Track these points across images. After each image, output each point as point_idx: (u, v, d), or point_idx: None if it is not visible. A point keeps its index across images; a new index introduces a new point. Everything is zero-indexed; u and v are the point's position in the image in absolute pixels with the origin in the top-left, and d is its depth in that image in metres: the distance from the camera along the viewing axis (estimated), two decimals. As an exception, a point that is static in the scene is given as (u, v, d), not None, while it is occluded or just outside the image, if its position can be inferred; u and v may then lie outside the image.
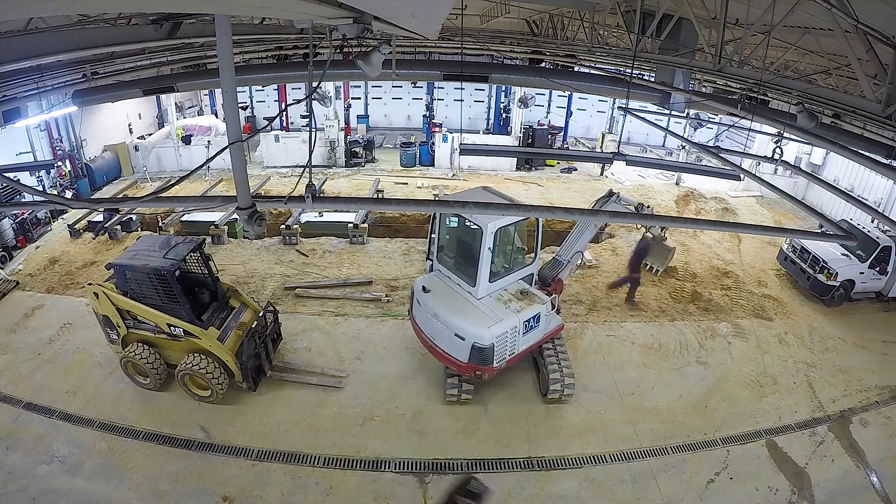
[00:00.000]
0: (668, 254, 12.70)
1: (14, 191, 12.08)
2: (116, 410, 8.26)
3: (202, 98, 24.52)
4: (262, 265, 12.72)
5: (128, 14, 6.58)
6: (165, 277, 7.71)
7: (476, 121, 24.99)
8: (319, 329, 10.37)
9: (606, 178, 20.15)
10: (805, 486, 7.54)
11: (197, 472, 7.31)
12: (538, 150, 18.68)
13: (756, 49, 6.45)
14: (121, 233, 13.91)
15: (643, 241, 11.95)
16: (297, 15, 2.79)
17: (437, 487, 7.26)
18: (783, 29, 6.29)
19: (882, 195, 15.12)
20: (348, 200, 6.68)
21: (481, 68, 12.33)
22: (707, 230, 14.70)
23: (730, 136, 19.17)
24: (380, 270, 12.57)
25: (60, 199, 3.75)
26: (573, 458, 7.77)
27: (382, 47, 3.47)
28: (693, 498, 7.29)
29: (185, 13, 6.30)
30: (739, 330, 10.97)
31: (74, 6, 3.37)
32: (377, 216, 15.53)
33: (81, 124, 16.86)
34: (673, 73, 8.24)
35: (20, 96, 8.02)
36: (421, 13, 3.30)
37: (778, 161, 7.41)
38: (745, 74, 6.85)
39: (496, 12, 13.65)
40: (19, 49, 4.99)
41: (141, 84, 10.17)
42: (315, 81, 3.49)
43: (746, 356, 10.20)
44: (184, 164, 19.08)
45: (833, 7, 4.16)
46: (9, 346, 9.70)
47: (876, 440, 8.40)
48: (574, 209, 4.64)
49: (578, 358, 9.67)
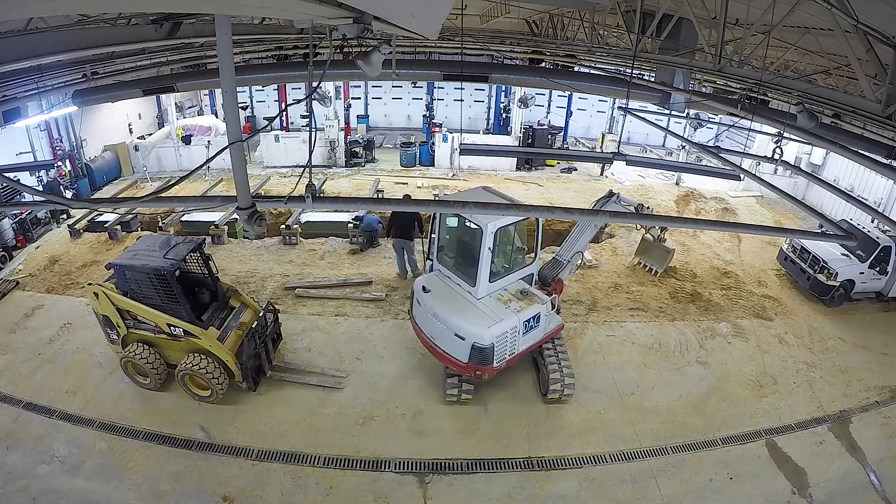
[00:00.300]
0: (667, 255, 12.70)
1: (13, 191, 12.07)
2: (116, 410, 8.26)
3: (202, 98, 24.52)
4: (263, 265, 12.72)
5: (128, 14, 6.58)
6: (165, 277, 7.71)
7: (476, 121, 24.99)
8: (319, 329, 10.37)
9: (606, 178, 20.15)
10: (805, 486, 7.54)
11: (197, 472, 7.31)
12: (538, 150, 18.68)
13: (756, 49, 6.45)
14: (121, 233, 13.92)
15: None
16: (297, 15, 2.79)
17: (436, 487, 7.26)
18: (783, 29, 6.30)
19: (882, 195, 15.12)
20: (348, 200, 6.68)
21: (481, 68, 12.34)
22: (707, 230, 14.70)
23: (730, 136, 19.18)
24: (380, 270, 12.57)
25: (60, 199, 3.75)
26: (573, 458, 7.76)
27: (382, 47, 3.48)
28: (693, 498, 7.29)
29: (185, 13, 6.30)
30: (739, 330, 10.97)
31: (74, 6, 3.37)
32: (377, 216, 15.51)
33: (81, 124, 16.86)
34: (673, 73, 8.25)
35: (20, 96, 8.03)
36: (421, 13, 3.30)
37: (778, 161, 7.41)
38: (745, 74, 6.85)
39: (496, 12, 13.66)
40: (19, 49, 4.99)
41: (141, 84, 10.18)
42: (315, 81, 3.50)
43: (746, 356, 10.20)
44: (184, 164, 19.07)
45: (833, 7, 4.16)
46: (9, 346, 9.70)
47: (876, 440, 8.40)
48: (574, 209, 4.65)
49: (578, 358, 9.67)
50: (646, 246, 13.11)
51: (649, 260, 12.95)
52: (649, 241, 12.95)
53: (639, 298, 11.81)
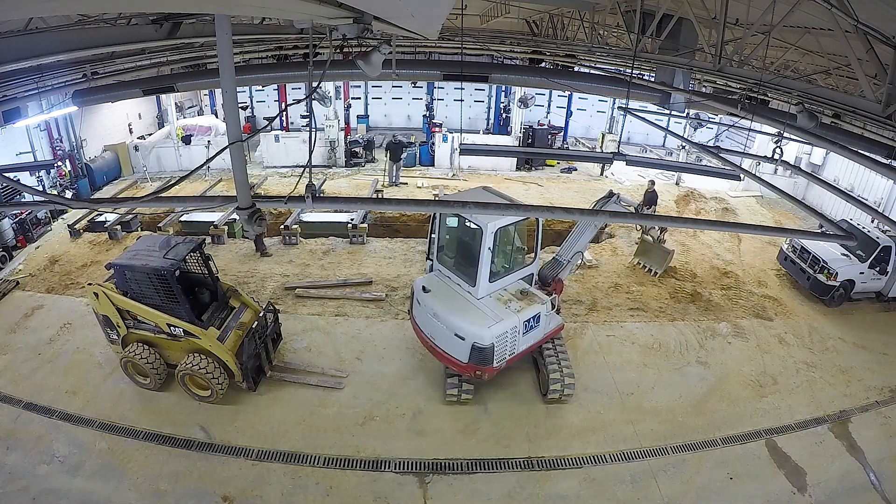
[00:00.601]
0: (667, 256, 12.70)
1: (14, 191, 12.08)
2: (116, 410, 8.26)
3: (202, 98, 24.51)
4: (263, 265, 12.72)
5: (128, 14, 6.58)
6: (165, 277, 7.71)
7: (476, 121, 24.98)
8: (319, 329, 10.37)
9: (606, 178, 20.15)
10: (805, 486, 7.54)
11: (197, 472, 7.31)
12: (538, 150, 18.67)
13: (756, 49, 6.45)
14: (121, 233, 13.92)
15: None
16: (297, 15, 2.79)
17: (436, 487, 7.26)
18: (783, 29, 6.30)
19: (882, 195, 15.12)
20: (348, 200, 6.68)
21: (481, 68, 12.34)
22: (707, 230, 14.70)
23: (730, 136, 19.17)
24: (380, 270, 12.57)
25: (60, 199, 3.75)
26: (573, 458, 7.77)
27: (382, 47, 3.48)
28: (693, 498, 7.29)
29: (185, 13, 6.30)
30: (739, 330, 10.97)
31: (74, 6, 3.37)
32: (377, 216, 15.53)
33: (81, 124, 16.86)
34: (673, 73, 8.25)
35: (20, 96, 8.03)
36: (421, 13, 3.30)
37: (778, 161, 7.42)
38: (745, 74, 6.85)
39: (496, 12, 13.66)
40: (19, 49, 4.99)
41: (141, 84, 10.18)
42: (315, 81, 3.50)
43: (746, 356, 10.20)
44: (184, 164, 19.07)
45: (833, 7, 4.16)
46: (9, 346, 9.70)
47: (876, 440, 8.40)
48: (574, 209, 4.65)
49: (578, 358, 9.67)
50: (645, 247, 13.11)
51: (648, 261, 12.94)
52: (648, 241, 12.95)
53: (639, 298, 11.81)
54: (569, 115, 23.88)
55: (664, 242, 12.79)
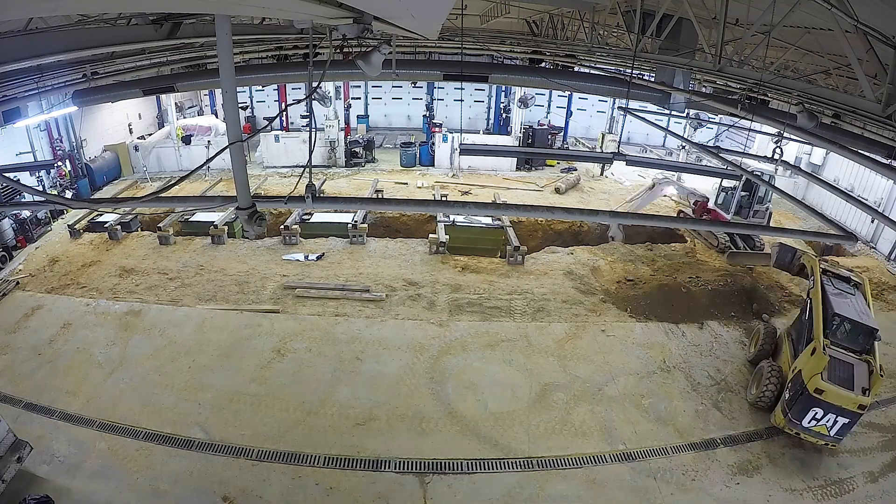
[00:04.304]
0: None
1: (14, 191, 12.08)
2: (116, 410, 8.26)
3: (202, 98, 24.51)
4: (263, 265, 12.71)
5: (128, 14, 6.58)
6: None
7: (476, 121, 24.98)
8: (319, 329, 10.37)
9: (606, 178, 20.14)
10: (806, 485, 7.53)
11: (197, 472, 7.31)
12: (538, 150, 18.68)
13: (756, 49, 6.44)
14: (121, 233, 13.91)
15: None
16: (297, 15, 2.79)
17: (436, 487, 7.26)
18: (783, 29, 6.29)
19: (882, 195, 15.11)
20: (348, 200, 6.70)
21: (481, 68, 12.33)
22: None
23: (730, 136, 19.17)
24: (379, 270, 12.56)
25: (60, 199, 3.75)
26: (573, 458, 7.76)
27: (382, 47, 3.48)
28: (693, 498, 7.28)
29: (185, 13, 6.29)
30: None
31: (74, 6, 3.37)
32: (377, 216, 15.52)
33: (81, 124, 16.86)
34: (673, 73, 8.24)
35: (20, 96, 8.02)
36: (421, 13, 3.30)
37: (778, 161, 7.42)
38: (745, 74, 6.85)
39: (496, 12, 13.66)
40: (19, 49, 4.99)
41: (141, 84, 10.16)
42: (315, 81, 3.50)
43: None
44: (184, 164, 19.07)
45: (833, 7, 4.16)
46: (9, 346, 9.69)
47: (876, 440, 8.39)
48: (574, 209, 4.65)
49: (578, 358, 9.66)
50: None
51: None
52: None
53: (639, 298, 11.79)
54: (569, 115, 23.89)
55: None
